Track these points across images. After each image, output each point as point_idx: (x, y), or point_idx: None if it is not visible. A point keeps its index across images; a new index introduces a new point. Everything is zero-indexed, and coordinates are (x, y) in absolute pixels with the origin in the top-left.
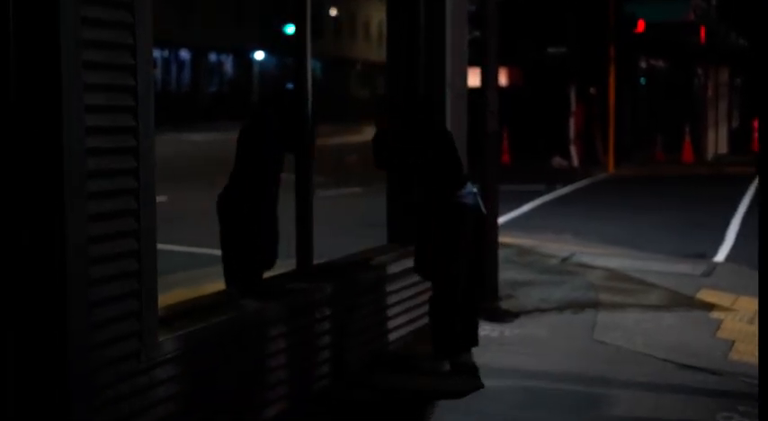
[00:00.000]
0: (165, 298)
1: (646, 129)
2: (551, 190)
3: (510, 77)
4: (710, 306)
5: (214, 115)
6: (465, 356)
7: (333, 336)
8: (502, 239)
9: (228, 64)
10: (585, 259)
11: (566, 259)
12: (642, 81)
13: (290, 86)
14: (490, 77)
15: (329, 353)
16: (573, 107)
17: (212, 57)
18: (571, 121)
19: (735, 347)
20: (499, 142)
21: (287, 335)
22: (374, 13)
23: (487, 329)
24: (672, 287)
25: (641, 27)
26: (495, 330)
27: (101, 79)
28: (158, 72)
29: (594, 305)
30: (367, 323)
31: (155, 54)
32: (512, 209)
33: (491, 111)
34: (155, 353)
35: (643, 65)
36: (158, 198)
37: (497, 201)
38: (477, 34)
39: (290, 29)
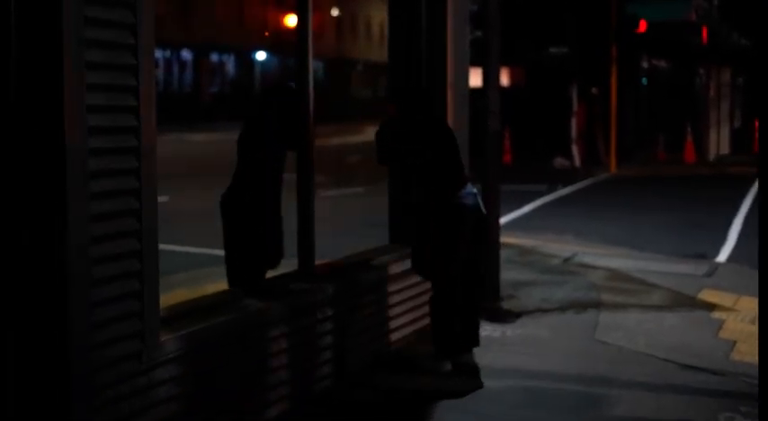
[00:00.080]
0: (167, 298)
1: (647, 130)
2: (553, 190)
3: (512, 77)
4: (712, 306)
5: (215, 115)
6: (466, 356)
7: (334, 337)
8: (503, 239)
9: (230, 64)
10: (587, 259)
11: (567, 259)
12: (644, 81)
13: (292, 83)
14: (492, 77)
15: (331, 353)
16: (574, 107)
17: (214, 57)
18: (573, 121)
19: (736, 347)
20: (501, 142)
21: (288, 335)
22: (375, 14)
23: (489, 329)
24: (674, 287)
25: (643, 27)
26: (496, 330)
27: (103, 79)
28: (160, 72)
29: (596, 305)
30: (369, 323)
31: (156, 54)
32: (513, 209)
33: (493, 111)
34: (156, 353)
35: (645, 65)
36: (160, 198)
37: (499, 202)
38: (478, 34)
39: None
